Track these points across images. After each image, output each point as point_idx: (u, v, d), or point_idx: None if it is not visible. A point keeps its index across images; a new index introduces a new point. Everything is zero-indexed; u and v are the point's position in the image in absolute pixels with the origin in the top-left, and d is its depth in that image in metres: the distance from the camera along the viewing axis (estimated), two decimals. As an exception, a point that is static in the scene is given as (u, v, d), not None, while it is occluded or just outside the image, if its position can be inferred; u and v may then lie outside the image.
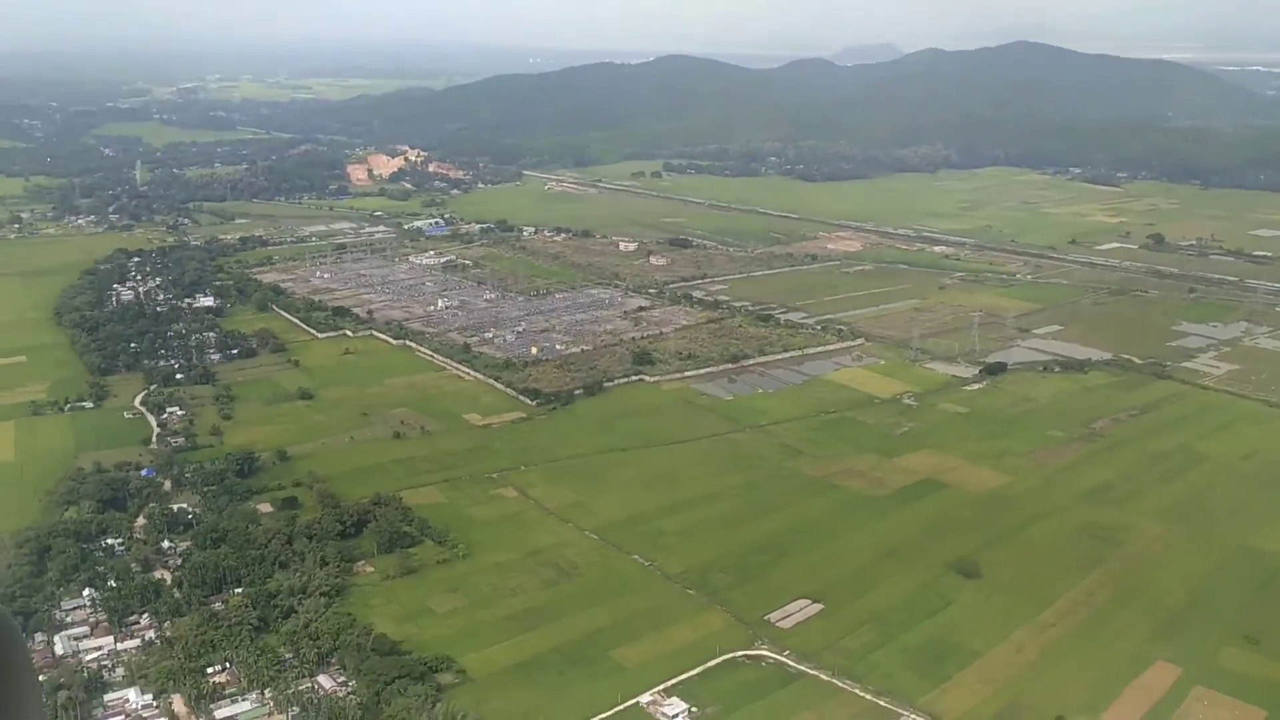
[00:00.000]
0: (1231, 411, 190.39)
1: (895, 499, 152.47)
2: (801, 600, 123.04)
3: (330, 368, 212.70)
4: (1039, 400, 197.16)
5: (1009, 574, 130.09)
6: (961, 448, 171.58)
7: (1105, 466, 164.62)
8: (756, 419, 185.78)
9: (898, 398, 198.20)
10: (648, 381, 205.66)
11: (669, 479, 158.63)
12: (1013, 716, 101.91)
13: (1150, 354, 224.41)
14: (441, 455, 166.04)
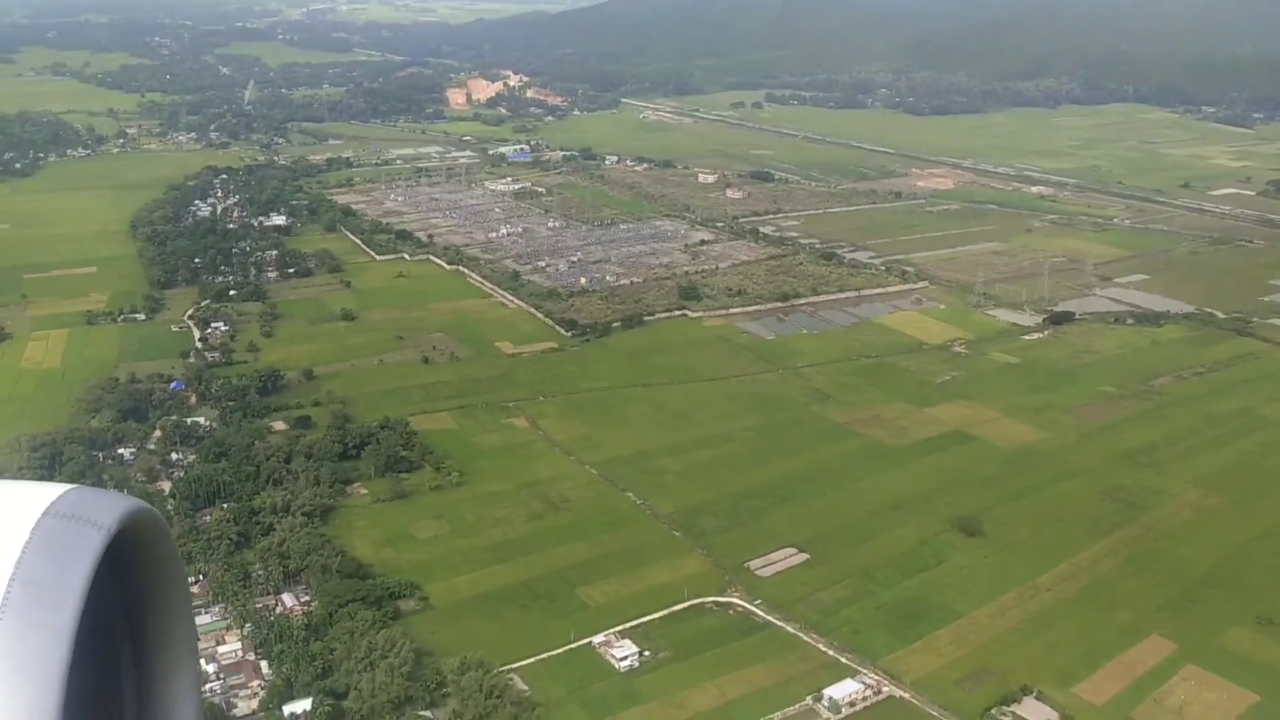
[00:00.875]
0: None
1: (916, 450, 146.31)
2: (788, 549, 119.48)
3: (380, 290, 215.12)
4: (1100, 353, 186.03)
5: (1015, 534, 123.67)
6: (1001, 400, 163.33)
7: (1153, 427, 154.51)
8: (792, 360, 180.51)
9: (948, 345, 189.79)
10: (690, 317, 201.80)
11: (685, 417, 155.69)
12: (975, 683, 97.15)
13: (1237, 309, 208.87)
14: (464, 382, 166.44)
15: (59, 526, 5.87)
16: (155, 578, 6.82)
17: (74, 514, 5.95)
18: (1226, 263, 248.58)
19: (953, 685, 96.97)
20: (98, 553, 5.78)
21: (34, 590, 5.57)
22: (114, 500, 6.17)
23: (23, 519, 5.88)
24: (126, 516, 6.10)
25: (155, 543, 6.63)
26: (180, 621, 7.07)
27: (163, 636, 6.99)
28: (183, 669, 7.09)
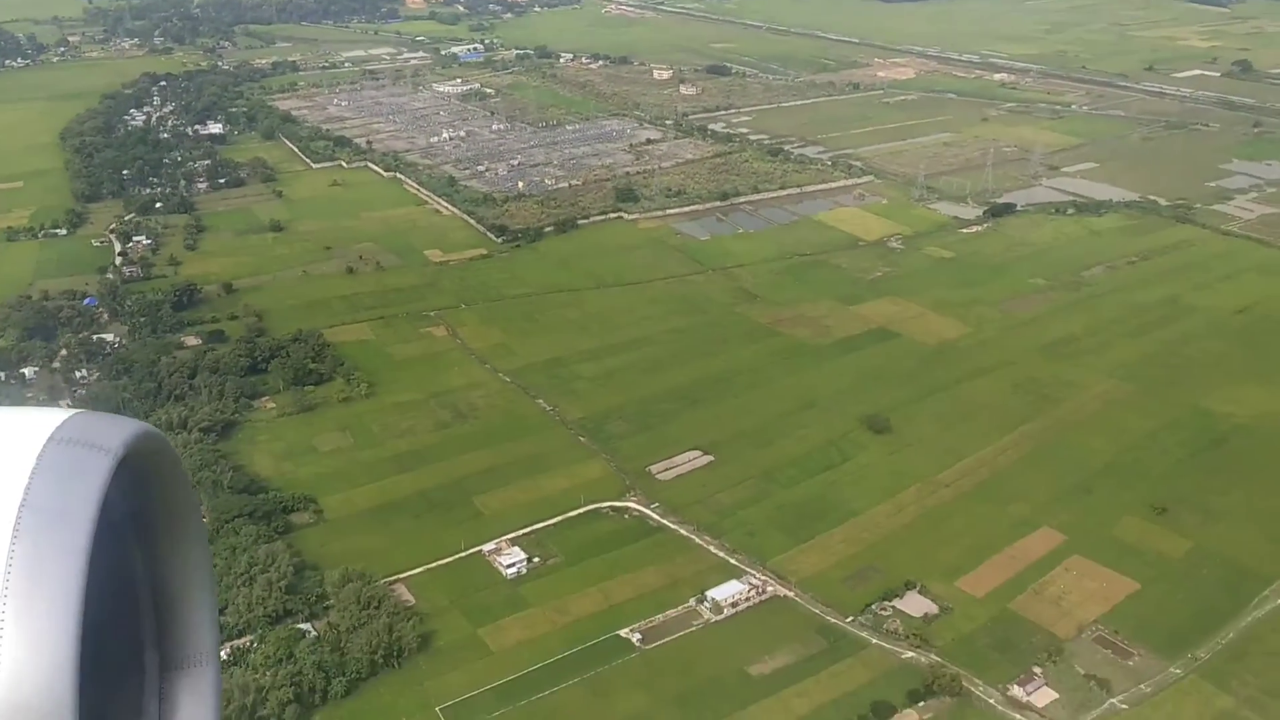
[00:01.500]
0: (1244, 260, 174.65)
1: (837, 348, 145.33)
2: (693, 452, 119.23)
3: (313, 199, 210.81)
4: (1035, 245, 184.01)
5: (924, 430, 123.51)
6: (930, 295, 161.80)
7: (1076, 318, 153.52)
8: (725, 261, 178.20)
9: (884, 240, 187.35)
10: (625, 219, 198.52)
11: (607, 322, 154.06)
12: (862, 579, 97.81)
13: (1182, 195, 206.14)
14: (388, 292, 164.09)
15: (65, 452, 5.80)
16: (165, 501, 6.88)
17: (79, 439, 5.89)
18: (1179, 148, 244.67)
19: (840, 583, 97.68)
20: (106, 477, 5.74)
21: (45, 516, 5.53)
22: (119, 424, 6.11)
23: (28, 446, 5.80)
24: (132, 440, 6.06)
25: (163, 466, 6.67)
26: (193, 544, 7.13)
27: (177, 559, 7.07)
28: (199, 590, 7.16)
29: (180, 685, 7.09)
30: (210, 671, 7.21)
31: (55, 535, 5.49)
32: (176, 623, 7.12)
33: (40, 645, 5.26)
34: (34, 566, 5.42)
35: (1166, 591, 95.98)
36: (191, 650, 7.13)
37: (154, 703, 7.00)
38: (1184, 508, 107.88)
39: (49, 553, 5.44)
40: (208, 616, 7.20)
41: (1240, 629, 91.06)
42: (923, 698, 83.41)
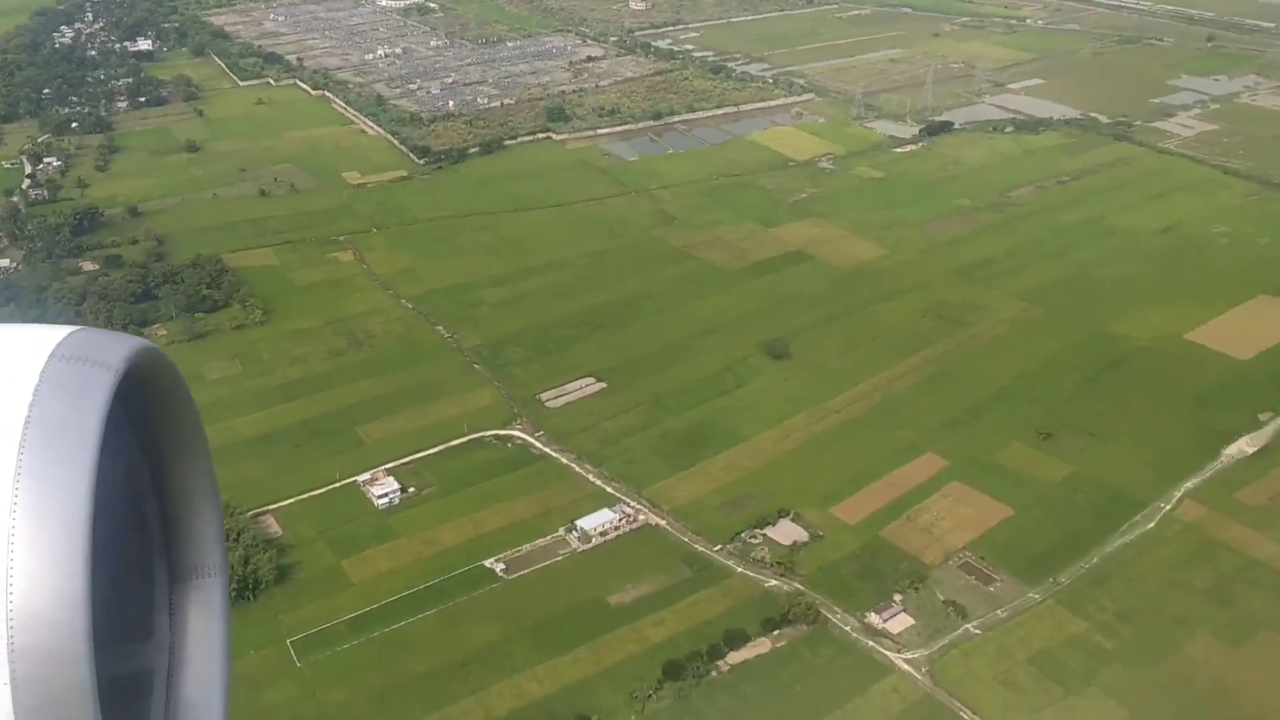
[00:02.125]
0: (1176, 178, 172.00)
1: (749, 272, 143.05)
2: (587, 379, 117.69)
3: (235, 119, 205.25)
4: (968, 165, 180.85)
5: (823, 355, 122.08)
6: (852, 217, 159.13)
7: (997, 240, 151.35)
8: (649, 182, 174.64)
9: (815, 160, 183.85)
10: (554, 140, 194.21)
11: (520, 246, 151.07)
12: (737, 507, 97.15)
13: (1126, 112, 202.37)
14: (299, 215, 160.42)
15: (68, 368, 5.84)
16: (167, 416, 6.92)
17: (81, 356, 5.90)
18: (1129, 63, 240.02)
19: (714, 510, 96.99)
20: (109, 393, 5.78)
21: (51, 431, 5.55)
22: (119, 340, 6.16)
23: (30, 363, 5.82)
24: (133, 356, 6.09)
25: (164, 382, 6.71)
26: (196, 457, 7.22)
27: (181, 472, 7.18)
28: (203, 503, 7.30)
29: (189, 596, 7.24)
30: (218, 582, 7.37)
31: (62, 451, 5.51)
32: (183, 535, 7.26)
33: (52, 557, 5.32)
34: (42, 482, 5.45)
35: (1039, 517, 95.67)
36: (199, 561, 7.28)
37: (164, 613, 7.18)
38: (1070, 432, 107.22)
39: (56, 468, 5.47)
40: (214, 528, 7.35)
41: (1106, 554, 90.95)
42: (777, 626, 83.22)
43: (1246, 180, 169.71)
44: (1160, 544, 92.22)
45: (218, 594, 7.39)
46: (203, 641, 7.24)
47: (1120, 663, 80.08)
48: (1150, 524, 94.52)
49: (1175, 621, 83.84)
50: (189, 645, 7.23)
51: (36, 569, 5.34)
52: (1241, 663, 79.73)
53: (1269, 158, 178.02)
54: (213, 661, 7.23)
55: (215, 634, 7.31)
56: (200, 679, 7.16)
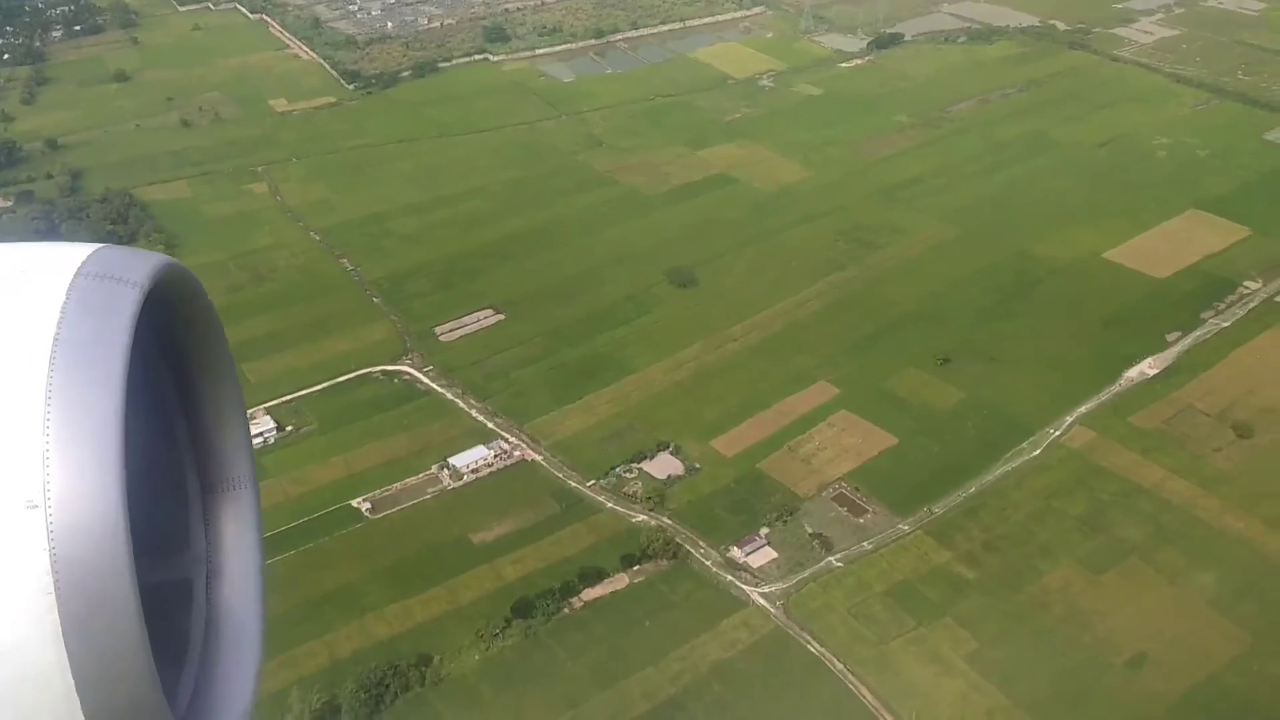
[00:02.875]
0: (1126, 88, 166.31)
1: (670, 197, 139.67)
2: (486, 311, 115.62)
3: (168, 46, 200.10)
4: (914, 78, 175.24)
5: (730, 282, 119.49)
6: (783, 137, 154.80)
7: (929, 158, 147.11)
8: (582, 104, 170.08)
9: (755, 78, 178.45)
10: (491, 61, 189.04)
11: (441, 173, 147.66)
12: (619, 440, 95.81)
13: (1086, 18, 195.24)
14: (220, 145, 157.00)
15: (94, 286, 5.88)
16: (193, 332, 7.04)
17: (107, 273, 5.95)
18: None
19: (595, 444, 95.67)
20: (135, 310, 5.84)
21: (79, 348, 5.62)
22: (144, 257, 6.21)
23: (56, 281, 5.87)
24: (157, 273, 6.14)
25: (190, 298, 6.78)
26: (223, 371, 7.35)
27: (208, 387, 7.28)
28: (231, 416, 7.41)
29: (222, 507, 7.39)
30: (249, 493, 7.53)
31: (91, 368, 5.56)
32: (213, 448, 7.37)
33: (87, 472, 5.39)
34: (73, 399, 5.49)
35: (923, 446, 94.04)
36: (230, 474, 7.41)
37: (199, 524, 7.34)
38: (970, 358, 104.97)
39: (86, 385, 5.52)
40: (243, 441, 7.46)
41: (986, 483, 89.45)
42: (637, 561, 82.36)
43: (1198, 89, 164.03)
44: (1042, 471, 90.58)
45: (249, 504, 7.55)
46: (237, 550, 7.37)
47: (978, 593, 79.08)
48: (1036, 451, 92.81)
49: (1040, 550, 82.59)
50: (224, 554, 7.36)
51: (72, 483, 5.40)
52: (1099, 591, 78.60)
53: (1224, 64, 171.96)
54: (249, 569, 7.38)
55: (249, 543, 7.47)
56: (237, 586, 7.31)
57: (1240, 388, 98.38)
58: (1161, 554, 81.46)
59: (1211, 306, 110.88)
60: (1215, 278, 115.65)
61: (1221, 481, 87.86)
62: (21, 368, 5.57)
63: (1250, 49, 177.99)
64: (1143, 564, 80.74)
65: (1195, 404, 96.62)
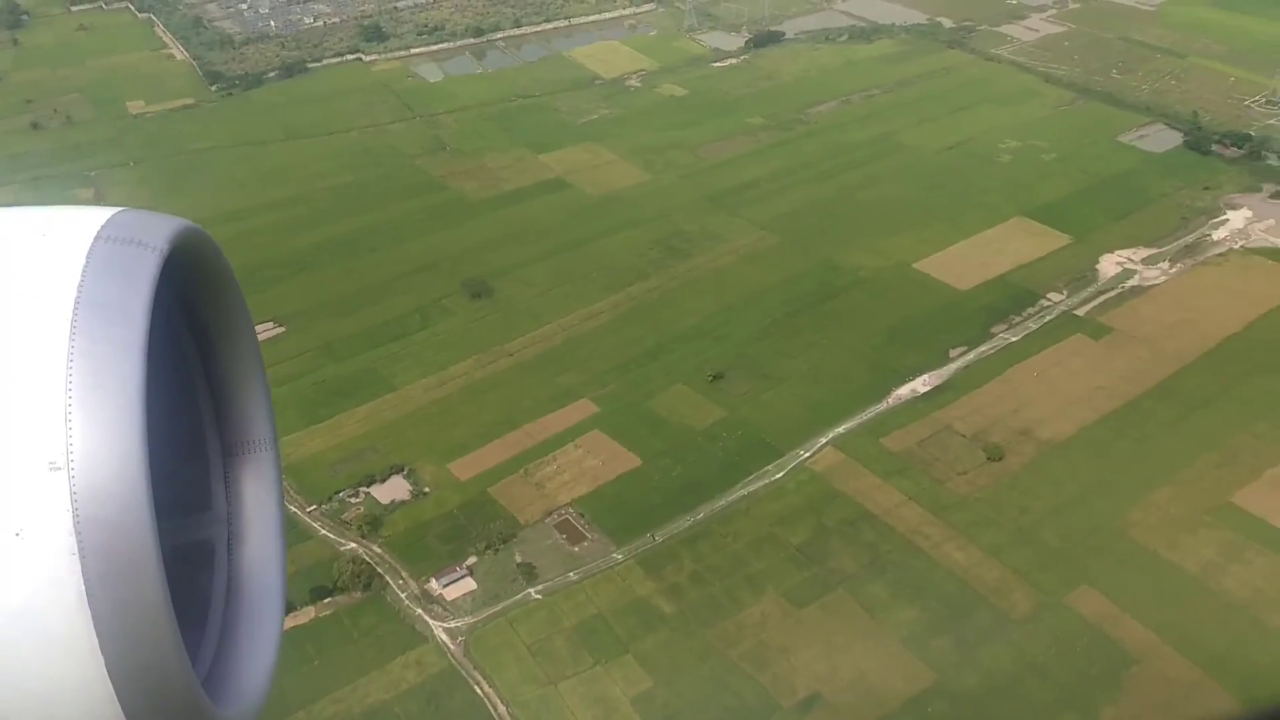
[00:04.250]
0: (993, 88, 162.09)
1: (495, 203, 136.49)
2: (268, 324, 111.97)
3: (48, 46, 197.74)
4: (782, 79, 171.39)
5: (526, 293, 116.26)
6: (633, 139, 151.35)
7: (770, 161, 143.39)
8: (441, 105, 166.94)
9: (624, 78, 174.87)
10: (364, 61, 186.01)
11: (274, 178, 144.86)
12: (355, 462, 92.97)
13: (976, 15, 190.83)
14: (64, 149, 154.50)
15: (114, 250, 5.90)
16: (212, 295, 7.12)
17: (126, 237, 6.00)
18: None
19: (330, 467, 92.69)
20: (155, 273, 5.88)
21: (100, 311, 5.66)
22: (163, 221, 6.34)
23: (76, 245, 5.91)
24: (176, 236, 6.24)
25: (208, 261, 6.89)
26: (242, 333, 7.43)
27: (228, 349, 7.38)
28: (251, 378, 7.50)
29: (243, 469, 7.51)
30: (270, 454, 7.70)
31: (112, 330, 5.63)
32: (233, 410, 7.52)
33: (109, 434, 5.45)
34: (94, 361, 5.56)
35: (665, 468, 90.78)
36: (250, 435, 7.54)
37: (220, 486, 7.47)
38: (743, 374, 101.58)
39: (107, 347, 5.59)
40: (263, 402, 7.64)
41: (716, 508, 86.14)
42: (329, 594, 79.49)
43: (1066, 89, 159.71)
44: (778, 496, 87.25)
45: (270, 465, 7.64)
46: (258, 511, 7.49)
47: (670, 628, 75.96)
48: (779, 474, 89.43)
49: (747, 581, 79.32)
50: (246, 515, 7.46)
51: (95, 445, 5.43)
52: (795, 626, 75.41)
53: (1101, 62, 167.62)
54: (269, 529, 7.54)
55: (270, 504, 7.61)
56: (259, 546, 7.45)
57: (1005, 407, 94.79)
58: (871, 586, 78.13)
59: (1006, 320, 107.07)
60: (1019, 289, 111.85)
61: (956, 508, 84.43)
62: (43, 331, 5.58)
63: (1133, 46, 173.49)
64: (848, 597, 77.42)
65: (954, 424, 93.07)
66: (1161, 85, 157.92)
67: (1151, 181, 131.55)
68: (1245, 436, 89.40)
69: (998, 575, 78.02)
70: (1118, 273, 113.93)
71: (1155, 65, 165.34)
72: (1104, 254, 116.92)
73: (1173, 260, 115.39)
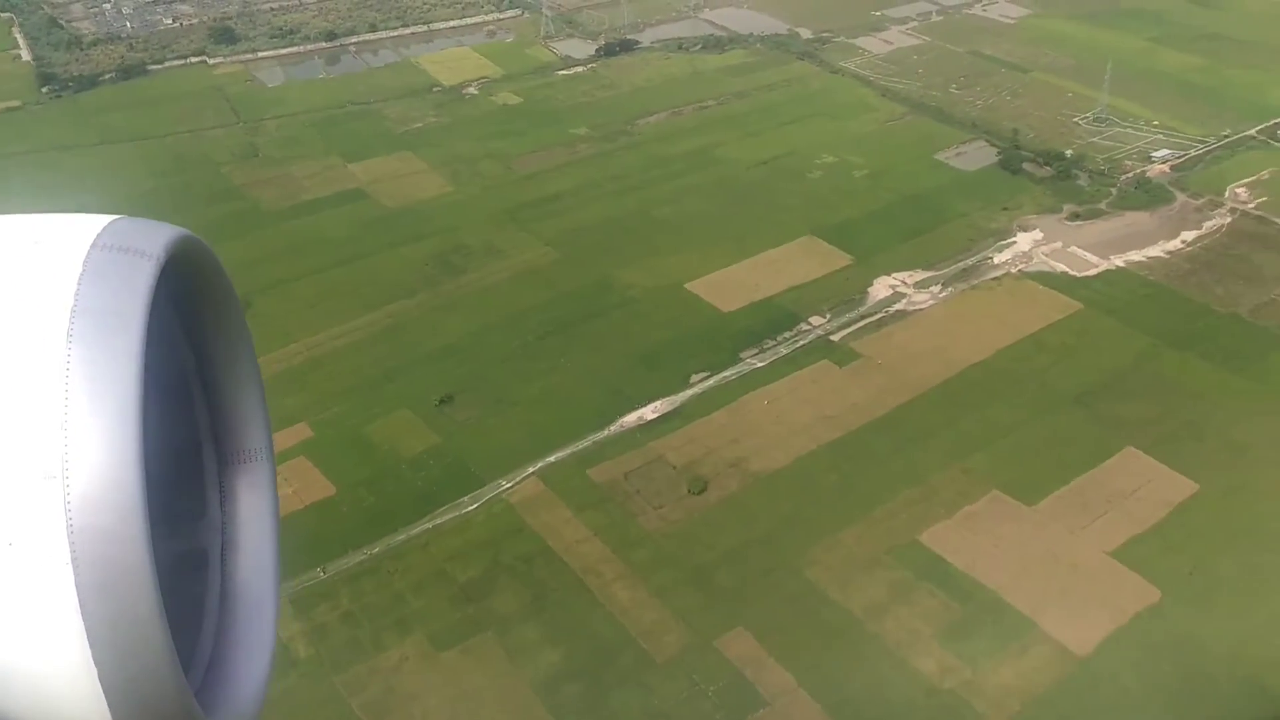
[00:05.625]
0: (828, 101, 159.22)
1: (288, 214, 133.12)
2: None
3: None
4: (622, 88, 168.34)
5: (286, 310, 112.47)
6: (450, 149, 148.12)
7: (584, 173, 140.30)
8: (270, 111, 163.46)
9: (463, 85, 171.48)
10: (208, 64, 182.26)
11: (69, 186, 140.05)
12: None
13: (838, 25, 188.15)
14: None
15: (110, 258, 5.94)
16: (209, 303, 7.27)
17: (122, 245, 6.06)
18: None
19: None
20: (152, 281, 5.87)
21: (97, 318, 5.66)
22: (159, 229, 6.46)
23: (73, 252, 5.96)
24: (173, 245, 6.39)
25: (205, 269, 7.12)
26: (239, 343, 7.52)
27: (225, 359, 7.44)
28: (248, 388, 7.58)
29: (238, 478, 7.60)
30: (265, 464, 7.89)
31: (109, 339, 5.61)
32: (229, 419, 7.58)
33: (106, 443, 5.44)
34: (91, 370, 5.54)
35: (359, 498, 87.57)
36: (246, 445, 7.65)
37: (215, 495, 7.49)
38: (475, 398, 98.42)
39: (104, 356, 5.56)
40: (259, 412, 7.75)
41: (395, 542, 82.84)
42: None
43: (902, 103, 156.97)
44: (463, 529, 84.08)
45: (265, 475, 7.82)
46: (253, 522, 7.50)
47: (300, 673, 72.55)
48: (473, 506, 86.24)
49: (397, 623, 76.13)
50: (240, 525, 7.48)
51: (91, 453, 5.40)
52: (429, 671, 72.24)
53: (944, 76, 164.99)
54: (264, 539, 7.52)
55: (265, 514, 7.70)
56: (253, 557, 7.42)
57: (725, 437, 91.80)
58: (523, 627, 74.99)
59: (759, 344, 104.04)
60: (784, 312, 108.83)
61: (640, 544, 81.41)
62: (39, 339, 5.59)
63: (981, 60, 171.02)
64: (495, 639, 74.23)
65: (667, 455, 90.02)
66: (996, 101, 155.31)
67: (953, 201, 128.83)
68: (955, 471, 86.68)
69: (655, 617, 75.01)
70: (887, 296, 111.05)
71: (996, 80, 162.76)
72: (880, 276, 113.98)
73: (946, 284, 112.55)
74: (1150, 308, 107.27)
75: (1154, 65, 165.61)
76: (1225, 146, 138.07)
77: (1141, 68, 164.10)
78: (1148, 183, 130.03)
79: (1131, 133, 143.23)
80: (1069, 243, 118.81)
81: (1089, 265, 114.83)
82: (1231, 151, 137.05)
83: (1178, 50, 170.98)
